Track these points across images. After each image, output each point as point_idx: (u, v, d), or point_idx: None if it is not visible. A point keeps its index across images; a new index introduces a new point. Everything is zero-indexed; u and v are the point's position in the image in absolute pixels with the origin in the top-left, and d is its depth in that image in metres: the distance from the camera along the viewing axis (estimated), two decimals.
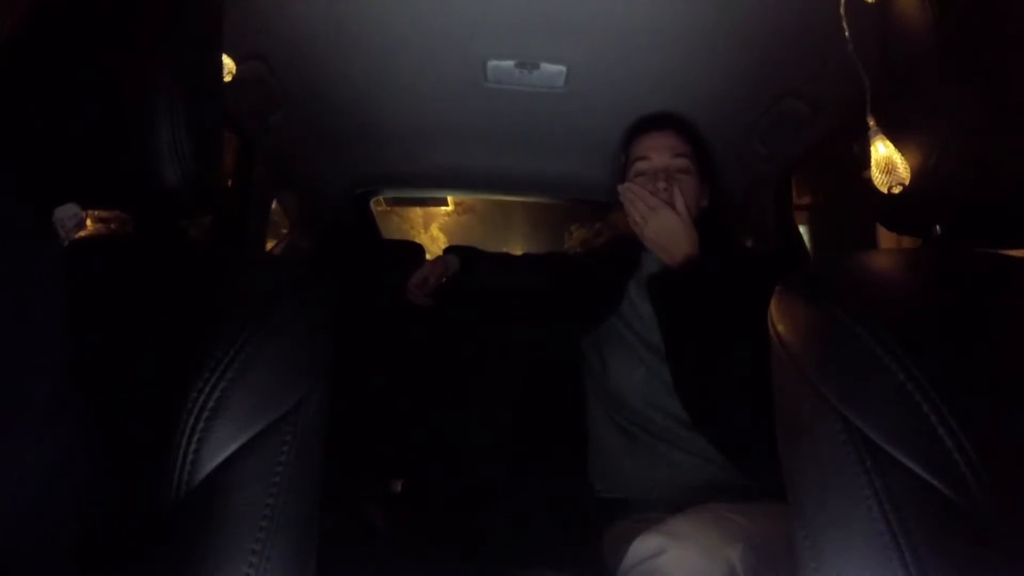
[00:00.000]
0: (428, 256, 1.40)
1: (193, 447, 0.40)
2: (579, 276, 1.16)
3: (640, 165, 1.01)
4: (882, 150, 0.50)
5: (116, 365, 0.42)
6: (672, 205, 0.91)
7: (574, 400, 1.10)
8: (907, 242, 0.58)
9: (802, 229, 1.29)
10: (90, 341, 0.41)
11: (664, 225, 0.91)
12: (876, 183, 0.49)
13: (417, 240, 2.08)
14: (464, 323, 1.33)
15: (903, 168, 0.48)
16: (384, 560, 1.01)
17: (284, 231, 1.47)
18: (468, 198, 5.50)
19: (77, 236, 0.48)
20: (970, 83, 0.44)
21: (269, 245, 1.36)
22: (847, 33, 0.54)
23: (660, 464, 0.93)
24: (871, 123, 0.51)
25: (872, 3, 0.50)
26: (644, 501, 0.92)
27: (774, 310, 0.49)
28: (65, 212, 0.47)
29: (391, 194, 1.62)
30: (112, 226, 0.53)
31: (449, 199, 5.36)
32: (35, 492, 0.31)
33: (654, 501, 0.90)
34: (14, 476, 0.30)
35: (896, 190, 0.48)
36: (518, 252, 1.51)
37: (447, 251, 1.28)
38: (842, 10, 0.54)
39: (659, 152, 1.00)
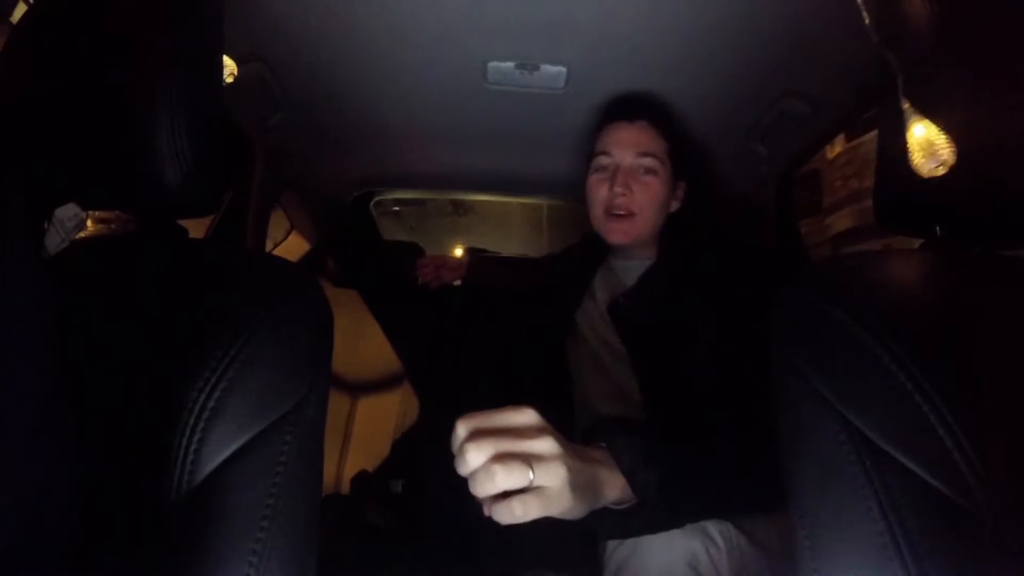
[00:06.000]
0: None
1: (193, 447, 0.40)
2: (549, 275, 1.13)
3: (601, 160, 0.91)
4: (920, 132, 0.45)
5: (116, 365, 0.42)
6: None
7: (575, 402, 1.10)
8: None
9: None
10: (90, 341, 0.41)
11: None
12: (918, 169, 0.46)
13: None
14: (465, 324, 1.33)
15: (946, 148, 0.44)
16: (384, 560, 1.01)
17: (284, 231, 1.48)
18: None
19: (77, 236, 0.49)
20: (969, 82, 0.44)
21: (269, 245, 1.36)
22: (865, 18, 0.51)
23: None
24: (905, 105, 0.47)
25: None
26: None
27: (774, 311, 0.49)
28: (65, 212, 0.47)
29: (392, 195, 1.63)
30: (112, 226, 0.53)
31: None
32: (33, 493, 0.31)
33: None
34: (9, 477, 0.30)
35: (941, 171, 0.45)
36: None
37: (467, 252, 1.31)
38: None
39: (623, 148, 0.90)
